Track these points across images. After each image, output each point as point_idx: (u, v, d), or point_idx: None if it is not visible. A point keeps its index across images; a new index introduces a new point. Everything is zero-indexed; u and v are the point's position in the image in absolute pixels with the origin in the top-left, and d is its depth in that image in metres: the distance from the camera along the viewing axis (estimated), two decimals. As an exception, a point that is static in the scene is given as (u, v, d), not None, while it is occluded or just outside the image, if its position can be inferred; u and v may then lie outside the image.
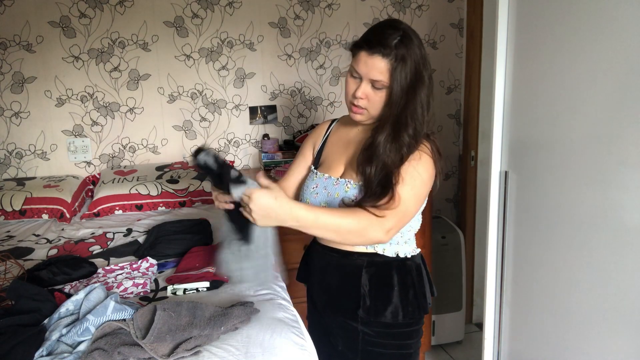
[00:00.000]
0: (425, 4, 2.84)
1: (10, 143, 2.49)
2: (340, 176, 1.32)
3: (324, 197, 1.31)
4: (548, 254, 1.64)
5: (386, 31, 1.18)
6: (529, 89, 1.67)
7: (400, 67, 1.16)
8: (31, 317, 1.23)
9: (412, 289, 1.31)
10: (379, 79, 1.18)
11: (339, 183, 1.30)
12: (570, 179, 1.52)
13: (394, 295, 1.29)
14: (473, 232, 2.89)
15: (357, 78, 1.22)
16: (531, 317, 1.75)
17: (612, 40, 1.34)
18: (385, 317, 1.29)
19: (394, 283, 1.30)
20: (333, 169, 1.35)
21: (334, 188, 1.30)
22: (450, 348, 2.72)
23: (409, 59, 1.16)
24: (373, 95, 1.21)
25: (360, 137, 1.33)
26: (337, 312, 1.36)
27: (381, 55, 1.16)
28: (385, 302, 1.29)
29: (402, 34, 1.17)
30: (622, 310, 1.38)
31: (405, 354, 1.35)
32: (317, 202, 1.31)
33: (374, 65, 1.17)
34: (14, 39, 2.40)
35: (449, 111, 3.00)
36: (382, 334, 1.31)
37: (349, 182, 1.28)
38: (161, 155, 2.66)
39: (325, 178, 1.33)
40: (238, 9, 2.61)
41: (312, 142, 1.47)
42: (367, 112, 1.24)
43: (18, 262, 1.62)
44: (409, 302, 1.30)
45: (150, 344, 1.13)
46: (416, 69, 1.18)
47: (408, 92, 1.18)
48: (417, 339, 1.37)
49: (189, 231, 1.88)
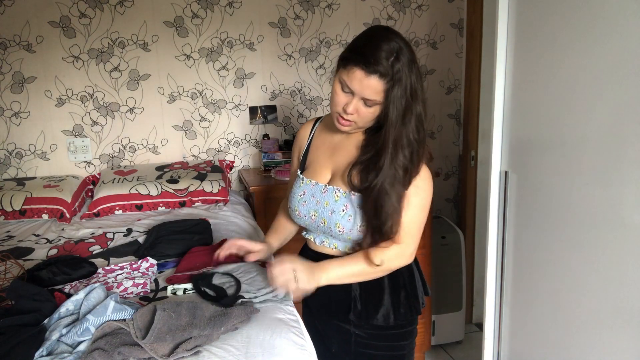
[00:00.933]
0: (425, 4, 2.84)
1: (10, 143, 2.49)
2: (328, 183, 1.30)
3: (312, 205, 1.29)
4: (548, 254, 1.64)
5: (382, 47, 1.12)
6: (529, 89, 1.67)
7: (397, 87, 1.12)
8: (31, 317, 1.23)
9: (403, 291, 1.31)
10: (373, 98, 1.14)
11: (327, 190, 1.28)
12: (570, 178, 1.52)
13: (385, 298, 1.29)
14: (473, 232, 2.89)
15: (348, 93, 1.17)
16: (531, 317, 1.75)
17: (612, 40, 1.34)
18: (377, 320, 1.29)
19: (384, 286, 1.29)
20: (319, 174, 1.33)
21: (322, 196, 1.28)
22: (450, 348, 2.72)
23: (404, 77, 1.12)
24: (364, 111, 1.17)
25: (347, 143, 1.30)
26: (331, 315, 1.36)
27: (378, 76, 1.11)
28: (377, 305, 1.29)
29: (398, 49, 1.12)
30: (623, 310, 1.38)
31: (398, 355, 1.35)
32: (305, 210, 1.30)
33: (370, 85, 1.12)
34: (14, 39, 2.40)
35: (449, 111, 3.00)
36: (375, 336, 1.31)
37: (338, 189, 1.26)
38: (161, 155, 2.66)
39: (312, 185, 1.31)
40: (238, 9, 2.61)
41: (298, 148, 1.45)
42: (354, 125, 1.21)
43: (18, 262, 1.62)
44: (400, 304, 1.30)
45: (150, 344, 1.13)
46: (411, 87, 1.14)
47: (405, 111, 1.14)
48: (411, 339, 1.36)
49: (189, 231, 1.87)
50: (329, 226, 1.26)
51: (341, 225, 1.24)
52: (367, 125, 1.21)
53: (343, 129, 1.23)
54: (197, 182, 2.35)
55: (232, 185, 2.75)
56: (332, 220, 1.25)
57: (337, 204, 1.24)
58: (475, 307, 2.92)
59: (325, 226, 1.27)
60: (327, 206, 1.26)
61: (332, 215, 1.25)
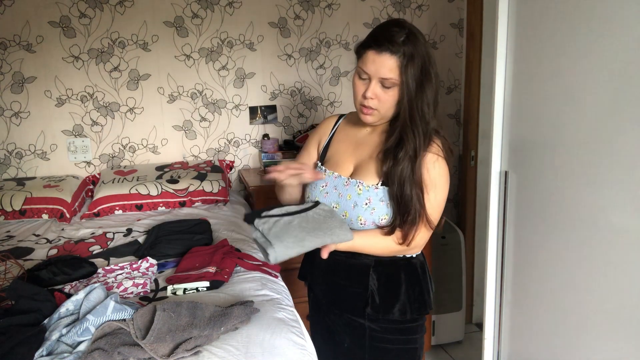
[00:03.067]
0: (425, 4, 2.84)
1: (10, 143, 2.49)
2: (350, 176, 1.31)
3: (334, 197, 1.30)
4: (548, 254, 1.64)
5: (392, 29, 1.17)
6: (529, 89, 1.67)
7: (409, 64, 1.16)
8: (31, 317, 1.23)
9: (417, 286, 1.33)
10: (388, 76, 1.17)
11: (349, 184, 1.29)
12: (570, 178, 1.52)
13: (401, 292, 1.30)
14: (473, 232, 2.89)
15: (365, 79, 1.21)
16: (531, 317, 1.75)
17: (612, 40, 1.34)
18: (394, 314, 1.30)
19: (401, 281, 1.31)
20: (341, 167, 1.33)
21: (345, 189, 1.29)
22: (450, 348, 2.72)
23: (416, 56, 1.16)
24: (383, 95, 1.20)
25: (371, 139, 1.32)
26: (344, 310, 1.37)
27: (390, 53, 1.16)
28: (394, 300, 1.30)
29: (408, 31, 1.17)
30: (622, 310, 1.38)
31: (411, 349, 1.36)
32: (327, 202, 1.31)
33: (383, 63, 1.17)
34: (14, 39, 2.40)
35: (449, 111, 3.00)
36: (389, 330, 1.33)
37: (361, 183, 1.27)
38: (161, 155, 2.66)
39: (335, 177, 1.32)
40: (238, 9, 2.61)
41: (318, 139, 1.45)
42: (377, 113, 1.24)
43: (18, 262, 1.62)
44: (415, 299, 1.32)
45: (150, 344, 1.13)
46: (423, 66, 1.18)
47: (417, 90, 1.18)
48: (422, 334, 1.38)
49: (189, 231, 1.88)
50: (351, 219, 1.27)
51: (363, 218, 1.25)
52: (389, 112, 1.24)
53: (367, 120, 1.26)
54: (197, 182, 2.35)
55: (232, 185, 2.75)
56: (354, 213, 1.26)
57: (359, 197, 1.25)
58: (475, 307, 2.92)
59: (347, 218, 1.27)
60: (350, 199, 1.27)
61: (355, 208, 1.26)
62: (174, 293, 1.47)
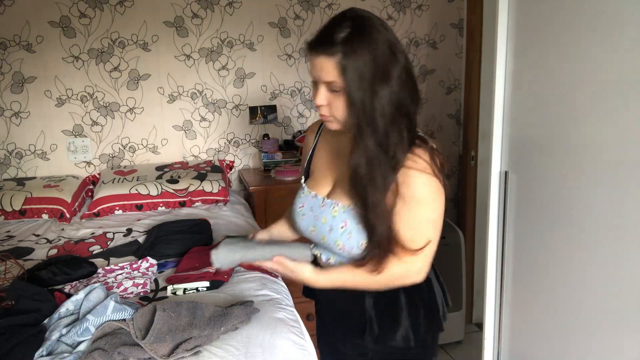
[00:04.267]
0: (425, 4, 2.84)
1: (10, 143, 2.49)
2: (327, 195, 1.18)
3: (311, 220, 1.19)
4: (548, 254, 1.64)
5: (334, 26, 1.02)
6: (529, 89, 1.67)
7: (350, 64, 0.99)
8: (31, 317, 1.23)
9: (422, 309, 1.19)
10: (330, 80, 1.02)
11: (325, 205, 1.17)
12: (570, 178, 1.52)
13: (402, 318, 1.16)
14: (473, 232, 2.89)
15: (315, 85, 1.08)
16: (531, 317, 1.75)
17: (612, 40, 1.34)
18: (396, 342, 1.17)
19: (401, 305, 1.17)
20: (320, 185, 1.22)
21: (320, 211, 1.17)
22: (450, 348, 2.72)
23: (362, 53, 0.99)
24: (333, 100, 1.05)
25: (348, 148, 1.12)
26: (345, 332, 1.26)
27: (325, 55, 1.01)
28: (394, 326, 1.17)
29: (353, 25, 1.00)
30: (623, 310, 1.38)
31: None
32: (305, 224, 1.20)
33: (321, 66, 1.02)
34: (14, 39, 2.40)
35: (449, 111, 3.00)
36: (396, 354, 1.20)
37: (336, 204, 1.14)
38: (161, 155, 2.66)
39: (311, 197, 1.21)
40: (238, 9, 2.61)
41: (305, 153, 1.34)
42: (334, 119, 1.08)
43: (18, 262, 1.62)
44: (420, 324, 1.18)
45: (150, 344, 1.13)
46: (375, 63, 1.00)
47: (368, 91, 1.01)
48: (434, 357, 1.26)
49: (189, 231, 1.88)
50: (329, 243, 1.15)
51: (341, 243, 1.13)
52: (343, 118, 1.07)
53: (331, 127, 1.11)
54: (197, 182, 2.35)
55: (232, 185, 2.74)
56: (331, 237, 1.14)
57: (335, 220, 1.13)
58: (475, 307, 2.92)
59: (326, 242, 1.16)
60: (325, 223, 1.15)
61: (331, 232, 1.14)
62: (174, 293, 1.47)
